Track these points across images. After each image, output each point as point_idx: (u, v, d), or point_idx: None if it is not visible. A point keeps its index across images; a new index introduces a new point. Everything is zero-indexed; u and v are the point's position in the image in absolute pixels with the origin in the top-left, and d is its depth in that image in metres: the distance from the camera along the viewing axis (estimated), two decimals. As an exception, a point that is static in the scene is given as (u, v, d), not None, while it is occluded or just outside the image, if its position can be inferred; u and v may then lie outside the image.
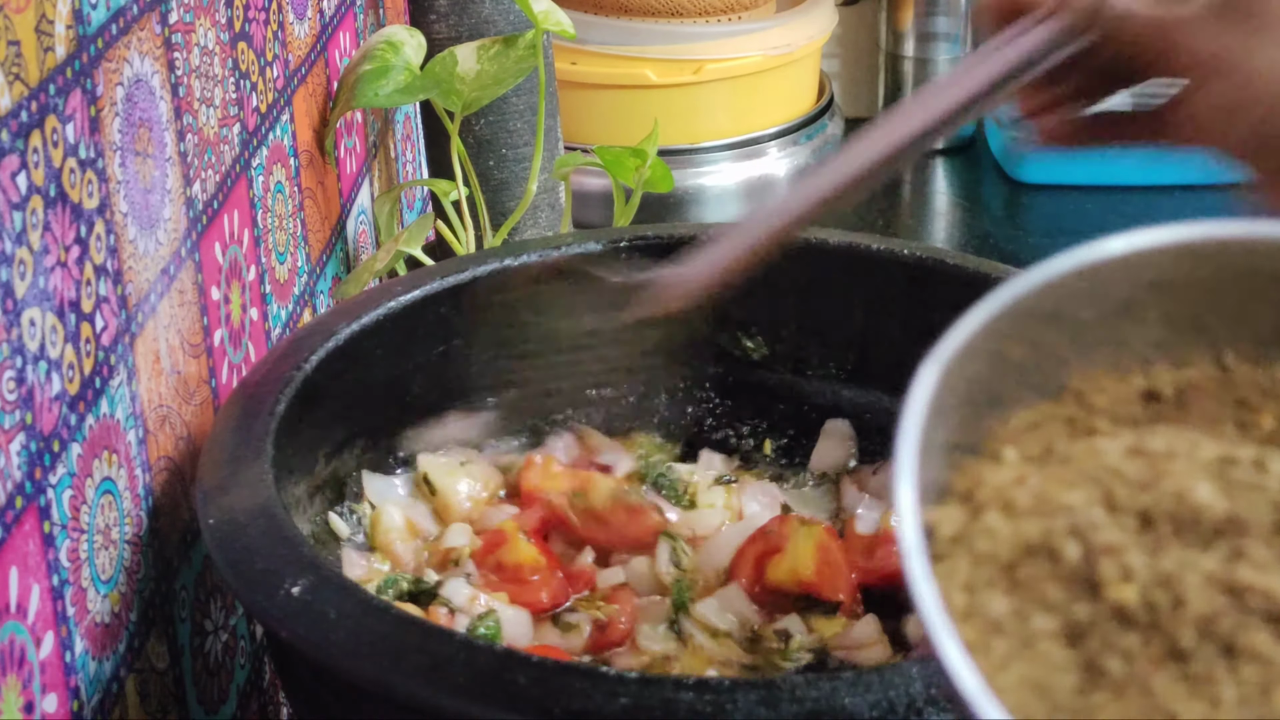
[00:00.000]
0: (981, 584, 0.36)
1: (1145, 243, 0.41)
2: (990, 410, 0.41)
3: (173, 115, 0.71)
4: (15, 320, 0.55)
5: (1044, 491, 0.38)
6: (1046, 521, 0.37)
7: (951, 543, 0.37)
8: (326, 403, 0.76)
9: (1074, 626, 0.35)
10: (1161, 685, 0.34)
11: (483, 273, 0.84)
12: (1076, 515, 0.36)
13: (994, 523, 0.37)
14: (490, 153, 1.15)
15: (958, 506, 0.38)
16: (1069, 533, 0.36)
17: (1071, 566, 0.36)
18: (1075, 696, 0.35)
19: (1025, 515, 0.37)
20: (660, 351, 0.89)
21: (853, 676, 0.53)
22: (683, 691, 0.53)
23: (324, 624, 0.57)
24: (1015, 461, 0.39)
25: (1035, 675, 0.35)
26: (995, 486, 0.38)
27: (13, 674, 0.54)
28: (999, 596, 0.36)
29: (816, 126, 1.45)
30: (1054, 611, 0.36)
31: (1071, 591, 0.36)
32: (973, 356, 0.40)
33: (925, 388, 0.38)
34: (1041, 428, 0.41)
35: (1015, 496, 0.38)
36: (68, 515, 0.59)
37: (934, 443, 0.38)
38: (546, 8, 1.04)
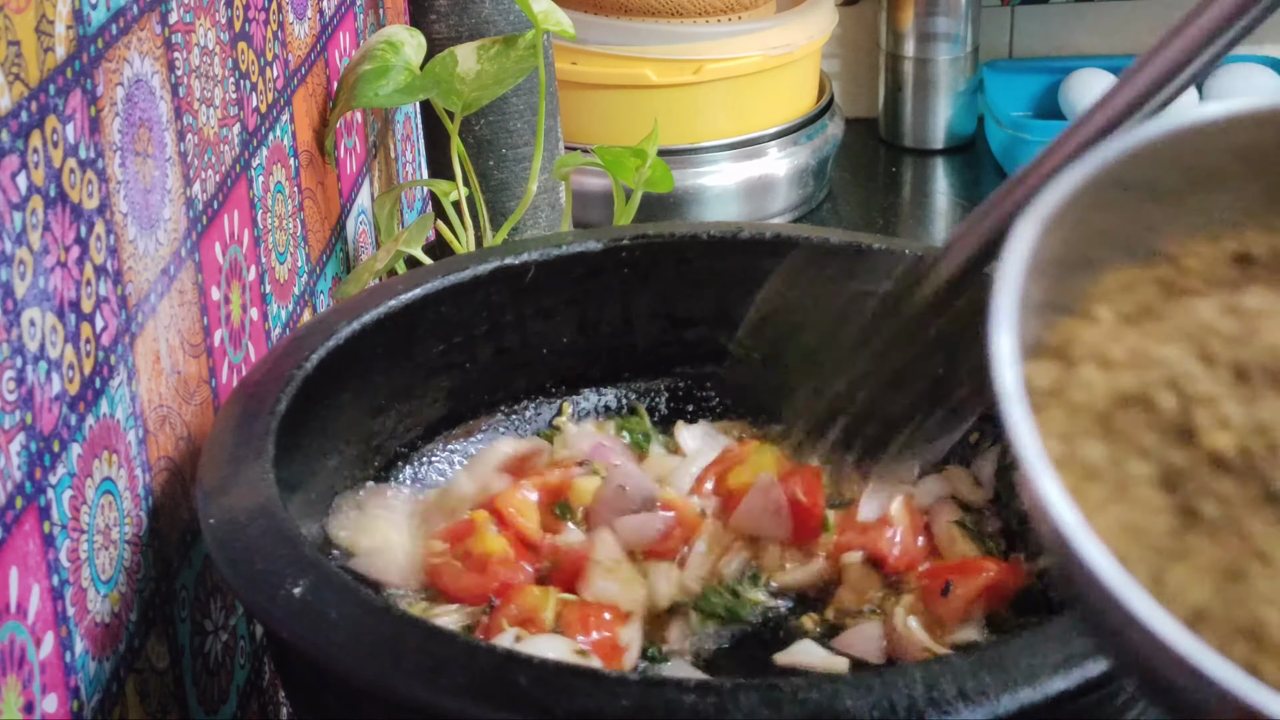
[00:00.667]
0: (1078, 433, 0.37)
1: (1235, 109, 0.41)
2: (1083, 272, 0.41)
3: (173, 115, 0.71)
4: (15, 320, 0.55)
5: (1139, 346, 0.38)
6: (1142, 373, 0.37)
7: (1047, 395, 0.38)
8: (327, 402, 0.76)
9: (1169, 472, 0.36)
10: (1256, 527, 0.35)
11: (483, 271, 0.84)
12: (1172, 367, 0.37)
13: (1089, 375, 0.38)
14: (490, 153, 1.15)
15: (1052, 361, 0.39)
16: (1165, 384, 0.37)
17: (1167, 416, 0.37)
18: (1170, 538, 0.35)
19: (1121, 368, 0.38)
20: (660, 351, 0.90)
21: (854, 678, 0.53)
22: (685, 693, 0.53)
23: (325, 624, 0.57)
24: (1109, 319, 0.40)
25: (1131, 518, 0.36)
26: (1090, 342, 0.39)
27: (13, 674, 0.54)
28: (1095, 444, 0.37)
29: (816, 126, 1.45)
30: (1149, 458, 0.36)
31: (1167, 439, 0.36)
32: (1066, 218, 0.40)
33: (1023, 243, 0.39)
34: (1135, 288, 0.41)
35: (1110, 351, 0.39)
36: (68, 515, 0.59)
37: (1030, 300, 0.38)
38: (546, 8, 1.04)
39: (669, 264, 0.88)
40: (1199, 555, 0.35)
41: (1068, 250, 0.40)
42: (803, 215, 1.45)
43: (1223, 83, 1.59)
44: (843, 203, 1.51)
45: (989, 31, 1.66)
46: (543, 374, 0.88)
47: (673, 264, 0.88)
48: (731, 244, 0.88)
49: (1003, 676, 0.54)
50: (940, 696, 0.53)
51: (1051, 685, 0.54)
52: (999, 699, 0.53)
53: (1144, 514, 0.36)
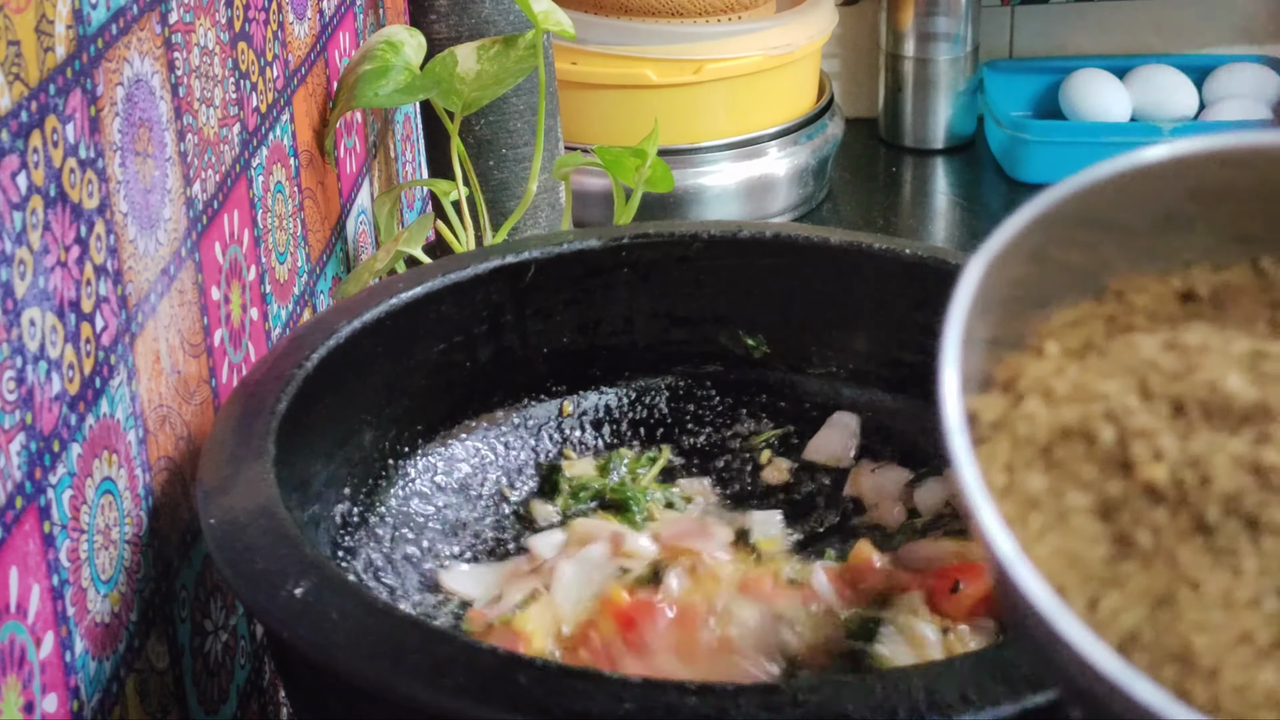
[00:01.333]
0: (1020, 464, 0.39)
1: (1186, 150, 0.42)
2: (1033, 309, 0.42)
3: (173, 115, 0.71)
4: (15, 320, 0.55)
5: (1082, 381, 0.40)
6: (1084, 407, 0.39)
7: (993, 427, 0.40)
8: (327, 401, 0.76)
9: (1106, 502, 0.37)
10: (1187, 556, 0.36)
11: (483, 270, 0.84)
12: (1112, 402, 0.39)
13: (1034, 409, 0.39)
14: (490, 153, 1.15)
15: (999, 395, 0.40)
16: (1104, 417, 0.38)
17: (1106, 448, 0.38)
18: (1105, 566, 0.37)
19: (1064, 402, 0.39)
20: (660, 350, 0.90)
21: (855, 681, 0.53)
22: (686, 695, 0.53)
23: (325, 625, 0.57)
24: (1056, 354, 0.41)
25: (1068, 546, 0.37)
26: (1036, 377, 0.40)
27: (13, 674, 0.54)
28: (1037, 475, 0.38)
29: (816, 126, 1.45)
30: (1088, 489, 0.38)
31: (1105, 471, 0.38)
32: (1017, 256, 0.41)
33: (970, 282, 0.40)
34: (1082, 325, 0.42)
35: (1055, 385, 0.40)
36: (68, 515, 0.59)
37: (977, 337, 0.40)
38: (546, 8, 1.04)
39: (669, 263, 0.88)
40: (1132, 582, 0.36)
41: (1020, 287, 0.42)
42: (803, 215, 1.45)
43: (1224, 82, 1.59)
44: (843, 203, 1.51)
45: (989, 31, 1.66)
46: (543, 373, 0.88)
47: (673, 263, 0.88)
48: (731, 244, 0.88)
49: (1005, 680, 0.53)
50: (941, 700, 0.53)
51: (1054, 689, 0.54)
52: (1001, 703, 0.53)
53: (1081, 542, 0.37)
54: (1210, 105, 1.58)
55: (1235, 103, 1.56)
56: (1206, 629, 0.36)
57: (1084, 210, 0.42)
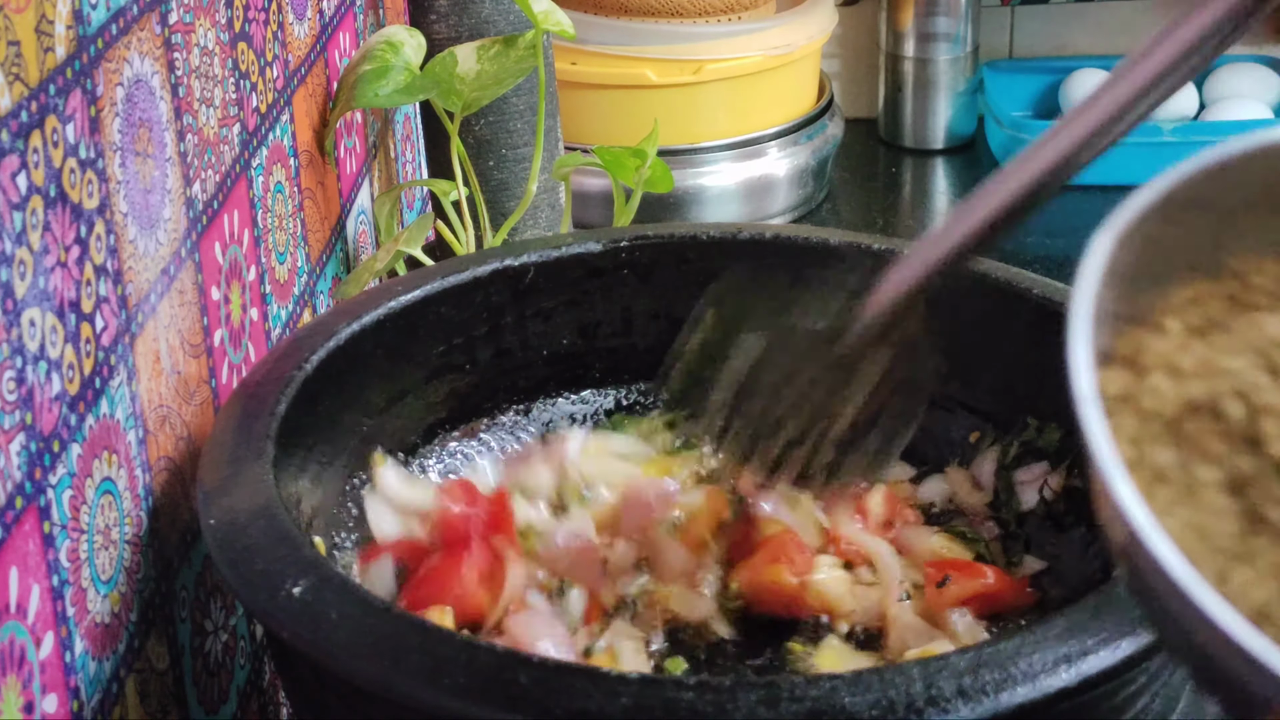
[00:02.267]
0: (1147, 438, 0.39)
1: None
2: (1152, 286, 0.42)
3: (173, 115, 0.71)
4: (15, 320, 0.55)
5: (1207, 357, 0.40)
6: (1211, 383, 0.39)
7: (1118, 401, 0.39)
8: (327, 403, 0.76)
9: (1236, 478, 0.38)
10: None
11: (483, 273, 0.84)
12: (1240, 378, 0.39)
13: (1159, 383, 0.39)
14: (490, 153, 1.15)
15: (1123, 369, 0.40)
16: (1233, 393, 0.38)
17: (1235, 424, 0.38)
18: (1235, 541, 0.37)
19: (1190, 377, 0.39)
20: (660, 352, 0.89)
21: (852, 676, 0.53)
22: (684, 691, 0.53)
23: (325, 625, 0.57)
24: (1178, 331, 0.41)
25: (1198, 520, 0.37)
26: (1159, 352, 0.40)
27: (13, 674, 0.54)
28: (1164, 449, 0.38)
29: (816, 126, 1.45)
30: (1217, 464, 0.38)
31: (1235, 447, 0.38)
32: (1138, 233, 0.41)
33: (1099, 255, 0.40)
34: (1203, 303, 0.42)
35: (1179, 360, 0.40)
36: (68, 515, 0.59)
37: (1103, 310, 0.40)
38: (546, 8, 1.04)
39: (669, 264, 0.88)
40: (1263, 557, 0.37)
41: (1138, 264, 0.42)
42: (803, 215, 1.45)
43: (1224, 82, 1.59)
44: (843, 203, 1.51)
45: (989, 31, 1.66)
46: (543, 375, 0.88)
47: (672, 264, 0.88)
48: (731, 244, 0.88)
49: (1001, 674, 0.54)
50: (939, 694, 0.53)
51: (1050, 683, 0.54)
52: (998, 697, 0.53)
53: (1211, 517, 0.37)
54: (1210, 105, 1.58)
55: (1235, 103, 1.56)
56: None
57: (1199, 193, 0.42)
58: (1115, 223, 0.41)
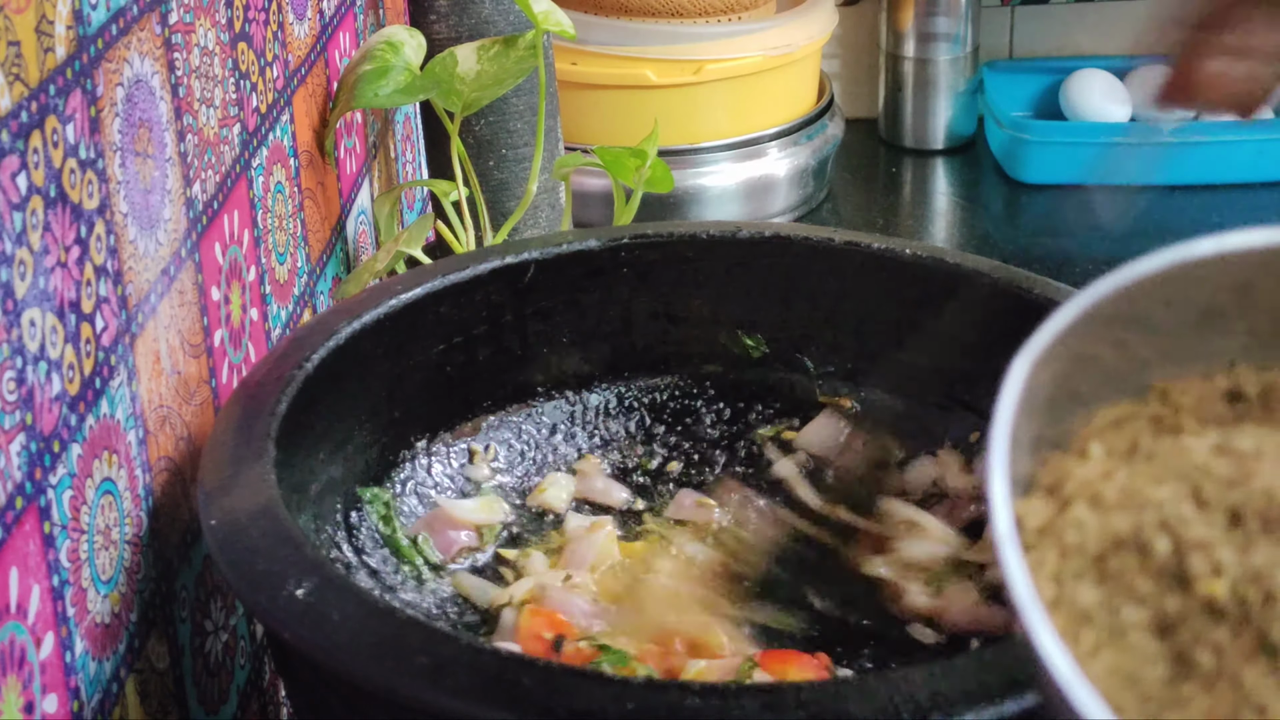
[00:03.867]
0: (1070, 575, 0.37)
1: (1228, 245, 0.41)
2: (1075, 408, 0.41)
3: (173, 115, 0.71)
4: (15, 320, 0.55)
5: (1131, 486, 0.38)
6: (1135, 516, 0.37)
7: (1039, 534, 0.38)
8: (327, 402, 0.76)
9: (1164, 619, 0.36)
10: (1252, 679, 0.35)
11: (483, 271, 0.84)
12: (1165, 510, 0.37)
13: (1082, 515, 0.38)
14: (490, 153, 1.15)
15: (1044, 499, 0.39)
16: (1158, 526, 0.37)
17: (1161, 560, 0.36)
18: (1165, 687, 0.35)
19: (1113, 509, 0.38)
20: (660, 350, 0.90)
21: (857, 681, 0.53)
22: (689, 696, 0.53)
23: (327, 625, 0.57)
24: (1101, 457, 0.40)
25: (1125, 665, 0.36)
26: (1082, 480, 0.39)
27: (13, 674, 0.54)
28: (1088, 587, 0.37)
29: (816, 126, 1.45)
30: (1144, 604, 0.36)
31: (1161, 585, 0.36)
32: (1058, 355, 0.40)
33: (1017, 381, 0.39)
34: (1127, 425, 0.41)
35: (1103, 490, 0.38)
36: (68, 515, 0.59)
37: (1021, 438, 0.38)
38: (546, 8, 1.04)
39: (668, 264, 0.88)
40: (1193, 705, 0.35)
41: (1059, 386, 0.40)
42: (803, 215, 1.45)
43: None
44: (843, 203, 1.51)
45: (989, 31, 1.66)
46: (542, 374, 0.88)
47: (672, 264, 0.88)
48: (731, 244, 0.88)
49: (1006, 679, 0.53)
50: (943, 699, 0.53)
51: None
52: (1003, 702, 0.53)
53: (1138, 661, 0.36)
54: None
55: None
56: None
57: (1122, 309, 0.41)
58: (1031, 347, 0.40)
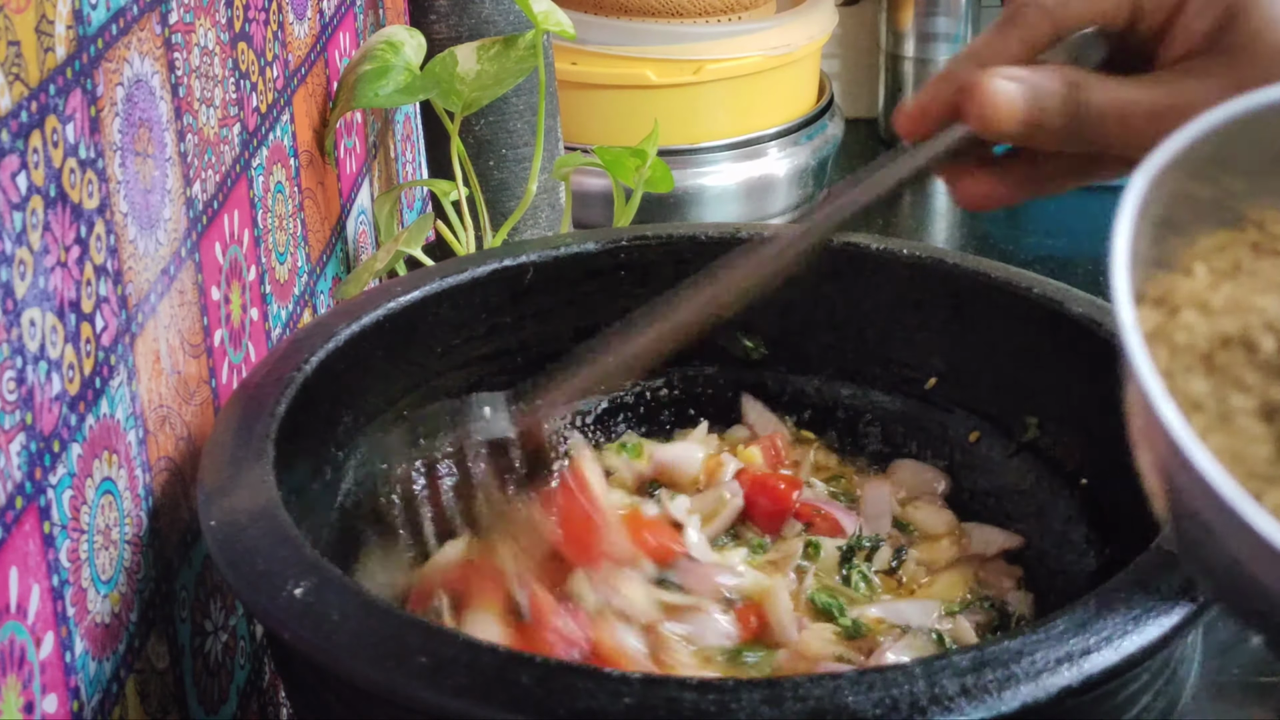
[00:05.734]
0: (1180, 370, 0.40)
1: None
2: (1177, 235, 0.44)
3: (173, 115, 0.71)
4: (15, 320, 0.55)
5: (1237, 295, 0.41)
6: (1242, 318, 0.40)
7: (1149, 338, 0.41)
8: (327, 404, 0.76)
9: (1269, 405, 0.39)
10: None
11: (482, 273, 0.84)
12: (1270, 314, 0.40)
13: (1191, 319, 0.41)
14: (490, 153, 1.15)
15: (1153, 309, 0.42)
16: (1264, 328, 0.40)
17: (1267, 355, 0.39)
18: (1269, 465, 0.38)
19: (1220, 314, 0.41)
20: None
21: (855, 675, 0.53)
22: (686, 691, 0.53)
23: (326, 625, 0.57)
24: (1206, 274, 0.43)
25: (1232, 446, 0.38)
26: (1189, 292, 0.42)
27: (13, 674, 0.54)
28: (1198, 379, 0.40)
29: (816, 126, 1.45)
30: (1250, 392, 0.39)
31: (1268, 377, 0.39)
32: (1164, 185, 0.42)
33: (1138, 191, 0.42)
34: (1228, 249, 0.44)
35: (1209, 299, 0.41)
36: (68, 515, 0.59)
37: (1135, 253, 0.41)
38: (546, 8, 1.04)
39: (667, 265, 0.88)
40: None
41: (1163, 212, 0.43)
42: (803, 215, 1.45)
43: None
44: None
45: (989, 32, 1.66)
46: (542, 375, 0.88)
47: (671, 265, 0.88)
48: (730, 245, 0.88)
49: (1004, 673, 0.54)
50: (942, 693, 0.53)
51: (1053, 682, 0.54)
52: (1001, 696, 0.53)
53: (1244, 443, 0.39)
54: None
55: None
56: None
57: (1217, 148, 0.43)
58: (1151, 163, 0.42)
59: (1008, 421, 0.83)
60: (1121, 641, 0.55)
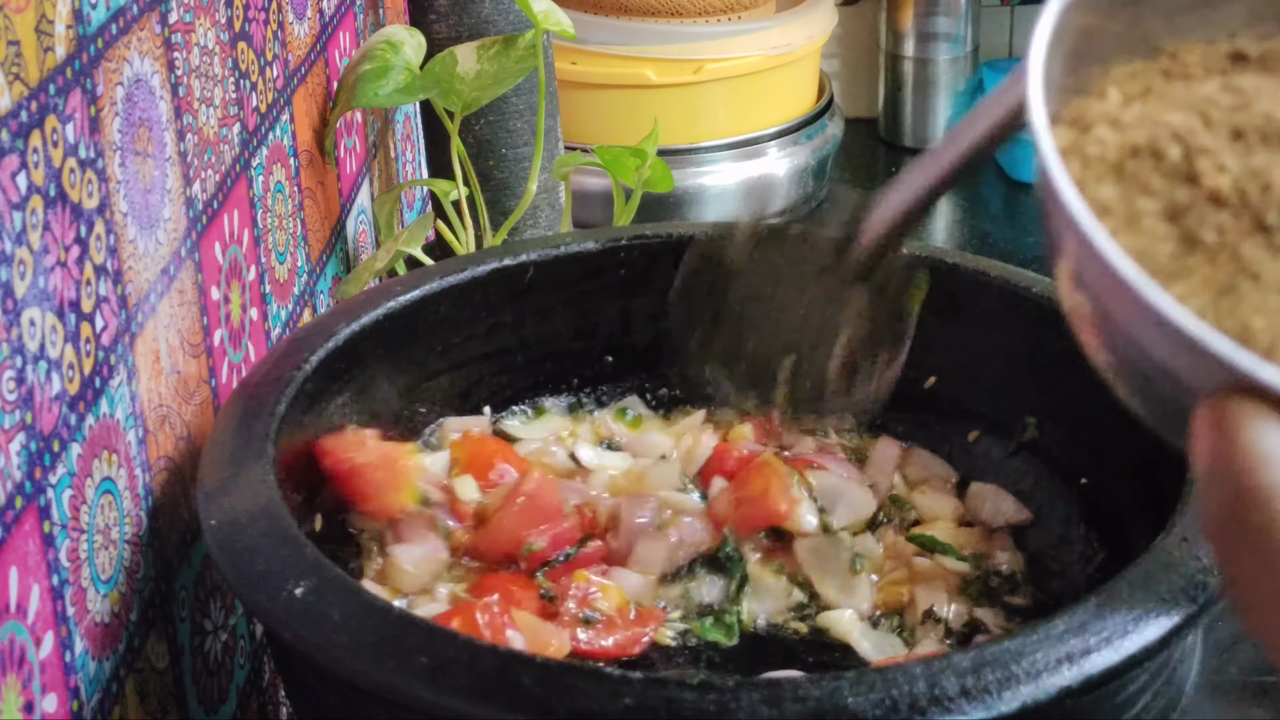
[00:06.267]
0: (1091, 179, 0.42)
1: None
2: (1091, 67, 0.46)
3: (173, 115, 0.71)
4: (15, 320, 0.55)
5: (1146, 112, 0.43)
6: (1150, 130, 0.42)
7: (1064, 153, 0.43)
8: (326, 403, 0.76)
9: (1174, 207, 0.41)
10: (1249, 251, 0.40)
11: (482, 272, 0.84)
12: (1177, 126, 0.42)
13: (1102, 134, 0.43)
14: (490, 153, 1.14)
15: (1068, 128, 0.44)
16: (1170, 138, 0.42)
17: (1173, 163, 0.42)
18: (1173, 261, 0.41)
19: (1130, 128, 0.43)
20: (659, 350, 0.89)
21: (855, 675, 0.53)
22: (686, 691, 0.53)
23: (327, 625, 0.57)
24: (1118, 97, 0.45)
25: (1139, 245, 0.41)
26: (1102, 111, 0.44)
27: (13, 674, 0.54)
28: (1108, 186, 0.42)
29: (816, 126, 1.45)
30: (1156, 196, 0.42)
31: (1172, 181, 0.41)
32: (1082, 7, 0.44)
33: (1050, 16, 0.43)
34: (1140, 76, 0.46)
35: (1121, 116, 0.43)
36: (68, 515, 0.59)
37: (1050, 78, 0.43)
38: (546, 8, 1.04)
39: (667, 264, 0.88)
40: (1198, 274, 0.40)
41: (1079, 43, 0.45)
42: (803, 215, 1.45)
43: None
44: (842, 202, 1.51)
45: (989, 31, 1.66)
46: (541, 375, 0.88)
47: (671, 264, 0.87)
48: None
49: (1004, 673, 0.54)
50: (942, 694, 0.53)
51: (1053, 682, 0.54)
52: (1001, 696, 0.53)
53: (1151, 241, 0.41)
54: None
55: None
56: (1265, 312, 0.39)
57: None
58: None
59: (1008, 421, 0.83)
60: (1121, 642, 0.55)
